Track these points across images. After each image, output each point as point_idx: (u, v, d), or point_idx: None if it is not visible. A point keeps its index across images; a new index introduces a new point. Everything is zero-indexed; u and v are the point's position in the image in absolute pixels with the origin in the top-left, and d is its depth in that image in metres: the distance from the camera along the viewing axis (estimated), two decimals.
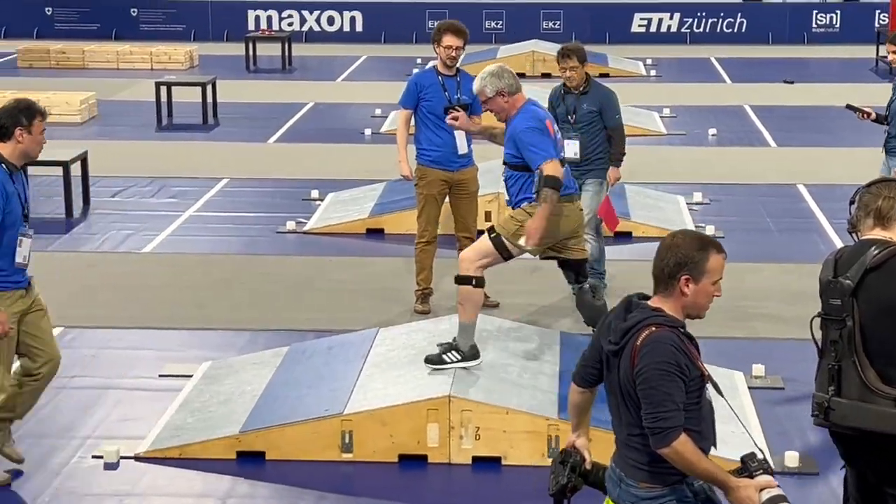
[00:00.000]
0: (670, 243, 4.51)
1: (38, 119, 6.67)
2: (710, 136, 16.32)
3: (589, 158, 9.63)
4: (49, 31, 25.81)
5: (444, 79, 9.46)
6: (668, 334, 4.39)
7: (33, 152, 6.74)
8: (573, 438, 4.89)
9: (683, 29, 25.97)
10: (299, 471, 6.94)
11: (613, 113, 9.59)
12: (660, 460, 4.41)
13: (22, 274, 6.74)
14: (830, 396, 5.20)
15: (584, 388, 4.81)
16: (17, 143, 6.63)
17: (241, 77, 21.46)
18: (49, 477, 6.88)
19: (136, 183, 13.64)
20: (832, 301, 5.22)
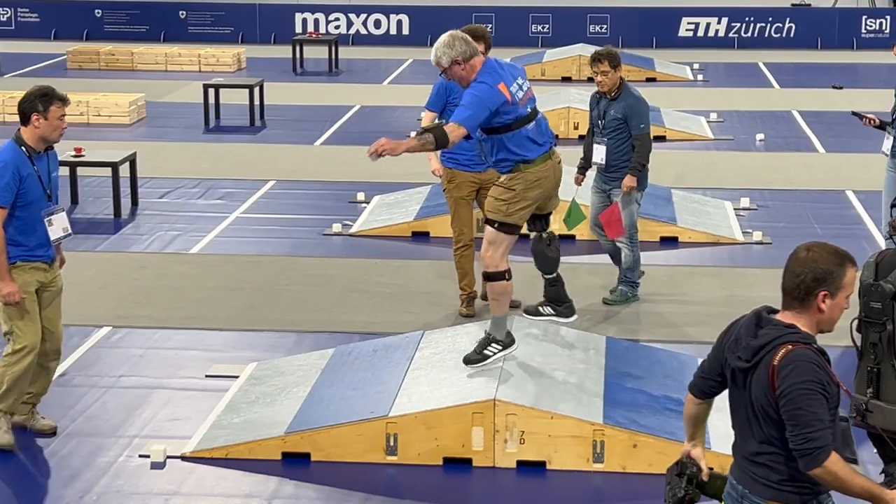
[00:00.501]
0: (806, 258, 4.33)
1: (56, 105, 7.13)
2: (758, 142, 16.22)
3: (615, 165, 9.59)
4: (98, 33, 26.02)
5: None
6: (808, 352, 4.26)
7: (51, 136, 7.17)
8: (688, 448, 4.78)
9: (731, 33, 25.82)
10: (344, 473, 6.96)
11: (639, 121, 9.51)
12: (790, 479, 4.31)
13: (45, 249, 7.23)
14: (869, 399, 5.18)
15: (702, 400, 4.71)
16: (35, 128, 7.13)
17: (289, 79, 21.55)
18: (96, 475, 6.93)
19: (183, 184, 13.73)
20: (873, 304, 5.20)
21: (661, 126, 16.35)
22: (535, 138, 7.37)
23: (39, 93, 7.19)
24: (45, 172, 7.23)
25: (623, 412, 7.11)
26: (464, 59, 7.25)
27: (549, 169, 7.41)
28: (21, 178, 7.07)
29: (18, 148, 7.14)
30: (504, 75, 7.28)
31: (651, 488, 6.79)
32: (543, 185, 7.40)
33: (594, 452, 6.93)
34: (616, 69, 9.49)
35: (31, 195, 7.12)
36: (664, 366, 7.98)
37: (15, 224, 7.13)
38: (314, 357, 8.29)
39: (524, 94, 7.35)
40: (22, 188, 7.08)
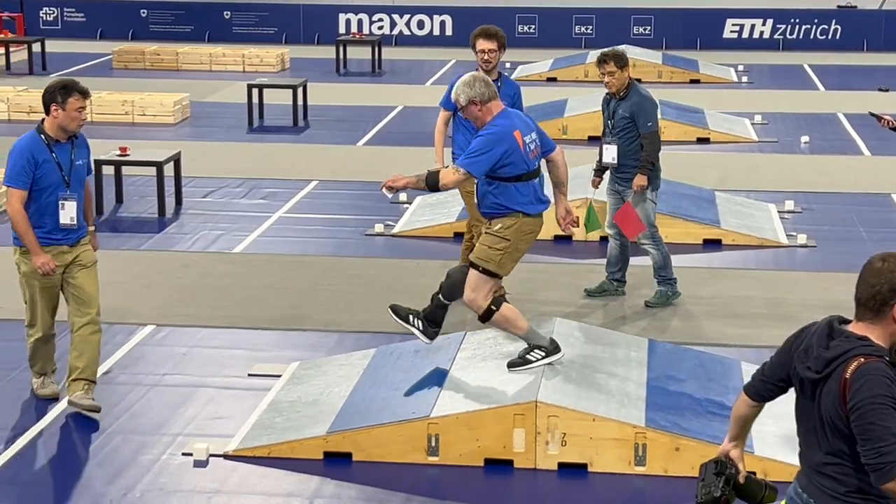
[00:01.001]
0: (882, 268, 4.23)
1: (74, 97, 7.53)
2: (803, 144, 16.12)
3: (626, 165, 9.61)
4: (144, 32, 26.20)
5: None
6: (880, 365, 4.19)
7: (69, 126, 7.58)
8: (728, 447, 4.72)
9: (776, 35, 25.68)
10: (385, 472, 6.97)
11: (646, 120, 9.54)
12: (857, 491, 4.26)
13: (64, 233, 7.64)
14: None
15: (756, 403, 4.65)
16: (54, 117, 7.56)
17: (332, 80, 21.62)
18: (139, 473, 6.98)
19: (227, 184, 13.80)
20: None
21: (705, 128, 16.29)
22: (540, 196, 7.55)
23: (60, 85, 7.58)
24: (66, 160, 7.63)
25: (665, 415, 7.09)
26: (481, 101, 7.38)
27: (538, 225, 7.61)
28: (37, 163, 7.51)
29: (38, 136, 7.60)
30: (519, 125, 7.42)
31: (693, 492, 6.75)
32: (532, 240, 7.58)
33: (636, 455, 6.91)
34: (623, 69, 9.52)
35: (48, 180, 7.54)
36: (707, 369, 7.94)
37: (33, 207, 7.57)
38: (356, 357, 8.31)
39: (534, 148, 7.50)
40: (38, 173, 7.51)
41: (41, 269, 7.53)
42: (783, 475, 6.79)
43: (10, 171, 7.55)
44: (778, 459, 6.84)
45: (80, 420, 7.70)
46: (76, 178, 7.68)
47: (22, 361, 8.27)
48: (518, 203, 7.43)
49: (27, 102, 17.44)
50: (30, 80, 20.44)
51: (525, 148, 7.36)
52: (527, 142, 7.38)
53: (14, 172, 7.53)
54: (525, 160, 7.38)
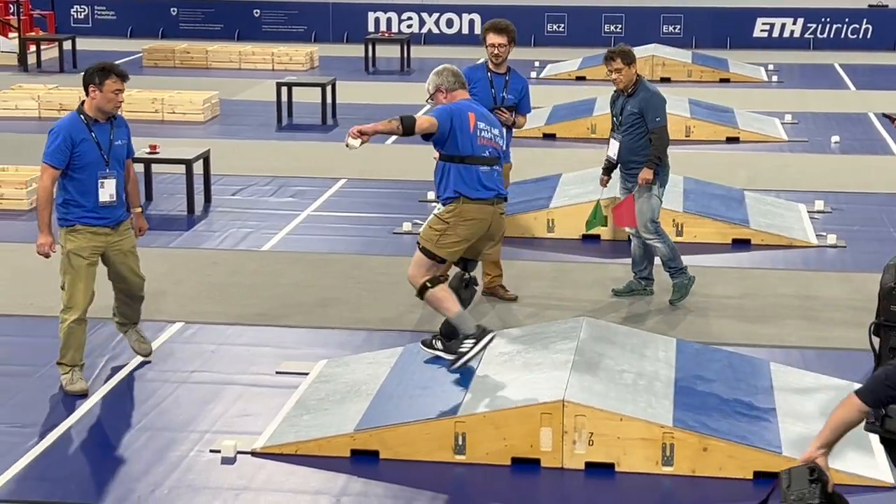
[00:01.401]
0: None
1: (112, 79, 7.87)
2: (833, 144, 16.04)
3: (634, 161, 9.62)
4: (174, 31, 26.29)
5: (493, 76, 9.72)
6: None
7: (106, 107, 7.90)
8: (816, 454, 4.61)
9: (807, 34, 25.56)
10: (412, 471, 6.98)
11: (654, 115, 9.58)
12: None
13: (105, 212, 7.92)
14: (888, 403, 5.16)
15: (870, 409, 4.55)
16: (91, 98, 7.90)
17: (361, 78, 21.64)
18: (168, 469, 7.01)
19: (255, 182, 13.83)
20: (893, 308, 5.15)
21: (735, 127, 16.23)
22: (485, 182, 7.65)
23: (99, 67, 7.96)
24: (106, 140, 7.91)
25: (693, 415, 7.06)
26: (447, 90, 7.79)
27: (486, 213, 7.67)
28: (74, 142, 7.80)
29: (77, 116, 7.92)
30: (478, 112, 7.71)
31: (721, 492, 6.75)
32: (475, 228, 7.63)
33: (663, 455, 6.89)
34: (630, 66, 9.57)
35: (86, 158, 7.82)
36: (736, 369, 7.91)
37: (74, 185, 7.85)
38: (383, 355, 8.32)
39: (488, 138, 7.68)
40: (76, 151, 7.81)
41: (38, 250, 7.90)
42: None
43: (47, 148, 7.85)
44: None
45: (108, 416, 7.74)
46: (115, 157, 7.95)
47: (50, 358, 8.32)
48: (460, 186, 7.62)
49: (58, 100, 17.53)
50: (60, 78, 20.55)
51: (475, 131, 7.62)
52: (480, 127, 7.66)
53: (49, 150, 7.82)
54: (472, 143, 7.61)
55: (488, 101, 9.48)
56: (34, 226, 12.00)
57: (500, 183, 7.81)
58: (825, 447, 4.64)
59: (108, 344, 8.86)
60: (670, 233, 11.36)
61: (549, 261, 10.96)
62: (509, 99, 9.62)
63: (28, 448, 7.24)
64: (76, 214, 7.88)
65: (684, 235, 11.39)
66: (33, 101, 17.58)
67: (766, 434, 7.01)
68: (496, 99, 9.59)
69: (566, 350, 7.64)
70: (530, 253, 11.22)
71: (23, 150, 15.18)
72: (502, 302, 9.82)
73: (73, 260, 7.88)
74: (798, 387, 7.78)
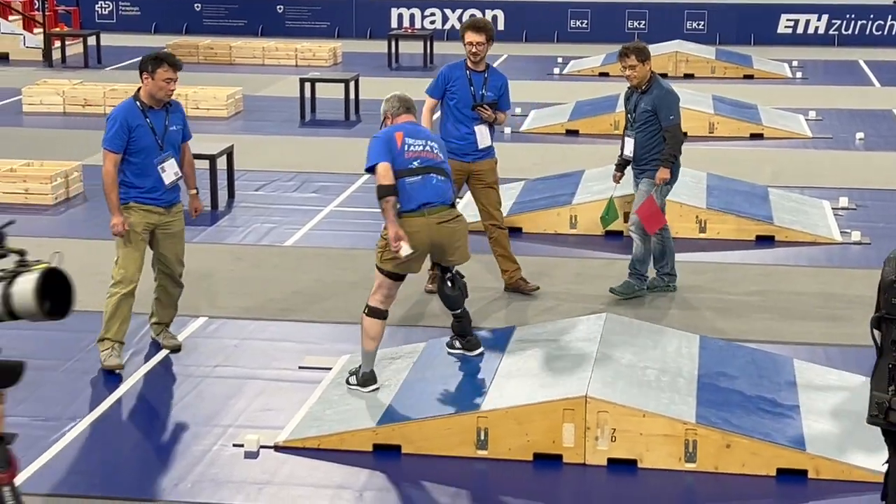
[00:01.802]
0: None
1: (163, 68, 8.20)
2: (858, 140, 15.98)
3: (645, 158, 9.64)
4: (198, 27, 26.36)
5: (472, 74, 9.78)
6: None
7: (157, 94, 8.24)
8: None
9: (831, 31, 25.45)
10: (434, 466, 6.98)
11: (668, 113, 9.54)
12: None
13: (159, 193, 8.30)
14: (891, 396, 5.15)
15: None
16: (144, 85, 8.25)
17: (384, 74, 21.65)
18: (191, 464, 7.03)
19: (279, 177, 13.86)
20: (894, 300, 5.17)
21: (759, 124, 16.18)
22: (413, 193, 7.60)
23: (153, 55, 8.31)
24: (160, 125, 8.27)
25: (716, 412, 7.05)
26: (392, 115, 7.96)
27: (418, 225, 7.58)
28: (130, 127, 8.16)
29: (133, 102, 8.28)
30: (407, 129, 7.80)
31: (744, 489, 6.73)
32: (412, 241, 7.53)
33: (686, 452, 6.88)
34: (644, 63, 9.56)
35: (141, 143, 8.19)
36: (759, 366, 7.89)
37: (131, 168, 8.22)
38: (406, 350, 8.33)
39: (417, 150, 7.68)
40: (132, 136, 8.17)
41: (113, 230, 8.21)
42: (835, 473, 6.75)
43: (105, 134, 8.22)
44: (830, 457, 6.78)
45: (131, 411, 7.77)
46: (170, 142, 8.33)
47: (75, 353, 8.36)
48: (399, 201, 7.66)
49: (82, 95, 17.59)
50: (85, 74, 20.63)
51: (402, 146, 7.67)
52: (408, 142, 7.69)
53: (108, 136, 8.19)
54: (401, 159, 7.64)
55: (468, 99, 9.64)
56: (59, 220, 12.13)
57: (438, 192, 7.66)
58: None
59: (131, 340, 8.88)
60: (693, 229, 11.37)
61: (571, 256, 10.95)
62: (489, 96, 9.71)
63: (52, 441, 7.28)
64: (131, 195, 8.25)
65: (707, 232, 11.37)
66: (58, 97, 17.65)
67: (790, 431, 6.99)
68: (475, 97, 9.65)
69: (589, 346, 7.63)
70: (553, 249, 11.22)
71: (48, 146, 15.25)
72: (526, 297, 9.81)
73: (128, 234, 8.24)
74: (822, 384, 7.76)
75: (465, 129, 9.69)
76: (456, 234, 7.74)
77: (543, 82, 20.76)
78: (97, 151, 14.85)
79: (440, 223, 7.65)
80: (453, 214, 7.75)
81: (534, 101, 18.53)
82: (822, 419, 7.19)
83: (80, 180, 13.14)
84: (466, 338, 7.91)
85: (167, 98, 8.28)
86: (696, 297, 9.84)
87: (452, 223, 7.73)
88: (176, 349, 8.62)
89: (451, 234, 7.70)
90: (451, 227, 7.71)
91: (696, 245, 11.22)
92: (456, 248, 7.77)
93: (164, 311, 8.67)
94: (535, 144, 15.74)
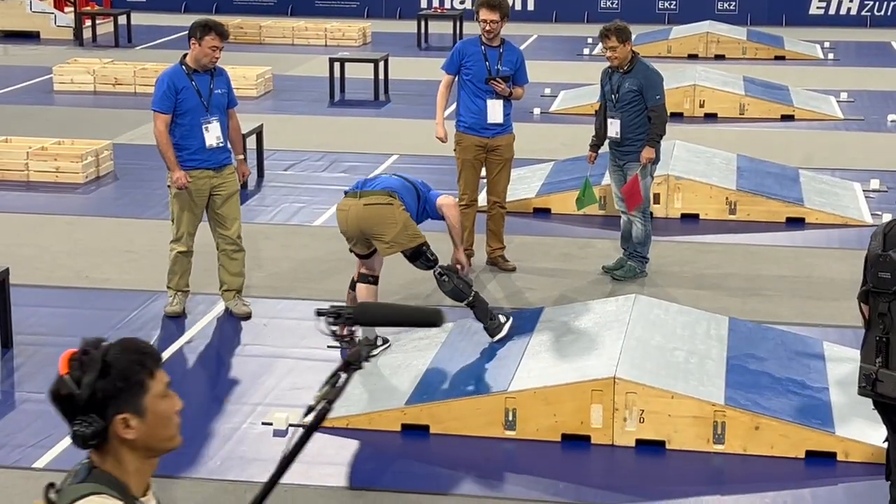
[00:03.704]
0: None
1: (210, 36, 8.50)
2: (890, 122, 15.86)
3: (630, 139, 9.61)
4: (227, 6, 26.36)
5: (487, 49, 9.78)
6: None
7: (202, 60, 8.57)
8: None
9: (864, 12, 25.25)
10: (462, 446, 6.99)
11: (654, 93, 9.53)
12: None
13: (207, 154, 8.61)
14: (878, 368, 5.19)
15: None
16: (192, 51, 8.57)
17: (413, 54, 21.62)
18: (220, 441, 7.07)
19: (308, 157, 13.88)
20: (881, 274, 5.24)
21: (790, 105, 16.09)
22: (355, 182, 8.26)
23: (202, 22, 8.60)
24: (206, 88, 8.61)
25: (745, 393, 7.03)
26: None
27: (349, 205, 8.09)
28: (177, 90, 8.51)
29: (179, 66, 8.62)
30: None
31: (772, 470, 6.72)
32: (340, 218, 8.16)
33: (714, 433, 6.87)
34: (625, 44, 9.55)
35: (187, 105, 8.53)
36: (788, 348, 7.87)
37: (179, 130, 8.56)
38: (435, 330, 8.33)
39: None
40: (179, 98, 8.51)
41: (175, 184, 8.51)
42: (865, 456, 6.73)
43: (154, 96, 8.60)
44: (859, 440, 6.76)
45: None
46: (215, 104, 8.66)
47: (107, 330, 8.41)
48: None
49: (112, 74, 17.64)
50: (115, 53, 20.69)
51: None
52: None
53: (157, 98, 8.56)
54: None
55: (482, 74, 9.67)
56: (90, 199, 12.19)
57: (379, 182, 8.19)
58: None
59: (161, 316, 8.94)
60: (723, 211, 11.32)
61: (600, 237, 10.92)
62: (504, 70, 9.73)
63: None
64: (181, 158, 8.56)
65: (738, 214, 11.32)
66: (89, 76, 17.71)
67: (819, 413, 6.97)
68: (490, 71, 9.65)
69: (618, 327, 7.62)
70: (582, 230, 11.19)
71: (78, 124, 15.31)
72: (556, 278, 9.81)
73: (180, 196, 8.63)
74: (851, 366, 7.71)
75: (482, 104, 9.70)
76: (382, 217, 8.00)
77: (573, 63, 20.69)
78: (128, 130, 14.97)
79: (367, 204, 8.00)
80: (384, 200, 8.02)
81: (563, 81, 18.47)
82: (852, 401, 7.16)
83: (110, 159, 13.19)
84: (486, 324, 7.86)
85: (211, 65, 8.59)
86: (725, 279, 9.81)
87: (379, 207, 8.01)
88: (246, 316, 8.87)
89: (376, 216, 8.00)
90: (377, 210, 8.02)
91: (725, 227, 11.19)
92: (385, 233, 8.01)
93: (231, 277, 8.93)
94: (564, 125, 15.70)
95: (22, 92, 17.68)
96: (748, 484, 6.64)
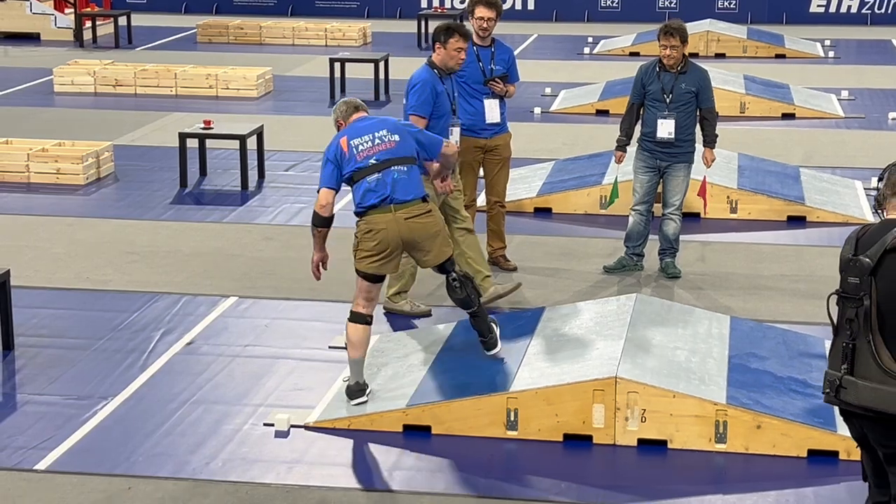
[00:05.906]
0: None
1: (455, 38, 8.60)
2: (891, 120, 15.86)
3: (680, 139, 9.59)
4: (228, 6, 26.35)
5: (479, 49, 9.72)
6: None
7: (448, 63, 8.72)
8: None
9: (864, 10, 25.24)
10: (464, 446, 6.99)
11: (710, 94, 9.57)
12: None
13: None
14: (843, 375, 5.16)
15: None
16: (437, 55, 8.71)
17: (414, 54, 21.60)
18: (221, 443, 7.06)
19: (309, 157, 13.87)
20: (850, 279, 5.21)
21: (791, 103, 16.08)
22: (375, 189, 7.40)
23: (444, 26, 8.69)
24: (452, 91, 8.84)
25: (747, 392, 7.03)
26: (343, 119, 7.73)
27: (386, 222, 7.36)
28: (437, 93, 8.64)
29: (431, 70, 8.73)
30: (351, 131, 7.55)
31: (775, 470, 6.72)
32: (379, 238, 7.34)
33: (716, 432, 6.86)
34: (685, 44, 9.55)
35: (443, 109, 8.70)
36: (790, 347, 7.86)
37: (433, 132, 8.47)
38: (437, 330, 8.33)
39: (368, 147, 7.46)
40: (437, 102, 8.63)
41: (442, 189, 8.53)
42: None
43: (417, 100, 8.59)
44: None
45: (162, 390, 7.80)
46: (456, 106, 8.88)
47: (105, 332, 8.39)
48: (357, 200, 7.50)
49: (113, 76, 17.64)
50: (115, 54, 20.69)
51: (350, 150, 7.45)
52: (354, 144, 7.46)
53: (420, 102, 8.59)
54: (353, 162, 7.45)
55: (477, 75, 9.61)
56: (91, 200, 12.19)
57: (401, 186, 7.41)
58: None
59: (162, 317, 8.93)
60: (724, 210, 11.32)
61: (601, 237, 10.92)
62: (498, 70, 9.70)
63: (84, 420, 7.32)
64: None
65: (739, 212, 11.32)
66: (89, 77, 17.71)
67: (821, 412, 6.96)
68: (485, 72, 9.63)
69: (619, 326, 7.62)
70: (583, 229, 11.19)
71: (79, 126, 15.31)
72: (557, 277, 9.81)
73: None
74: None
75: (479, 104, 9.68)
76: (427, 230, 7.44)
77: (573, 62, 20.70)
78: (129, 131, 14.97)
79: (408, 218, 7.38)
80: (424, 209, 7.45)
81: (564, 81, 18.48)
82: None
83: (111, 160, 13.19)
84: (483, 337, 7.63)
85: (458, 67, 8.76)
86: (726, 278, 9.81)
87: (422, 218, 7.43)
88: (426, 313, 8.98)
89: (422, 230, 7.42)
90: (422, 223, 7.42)
91: (726, 225, 11.19)
92: (429, 246, 7.47)
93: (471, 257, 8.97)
94: (565, 125, 15.70)
95: (22, 93, 17.68)
96: (750, 483, 6.64)
